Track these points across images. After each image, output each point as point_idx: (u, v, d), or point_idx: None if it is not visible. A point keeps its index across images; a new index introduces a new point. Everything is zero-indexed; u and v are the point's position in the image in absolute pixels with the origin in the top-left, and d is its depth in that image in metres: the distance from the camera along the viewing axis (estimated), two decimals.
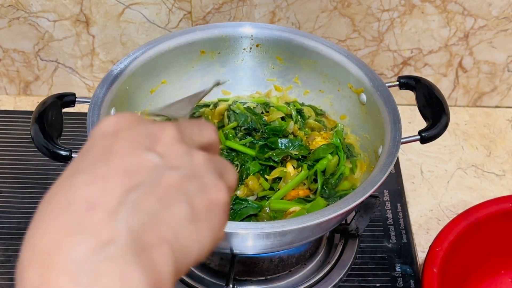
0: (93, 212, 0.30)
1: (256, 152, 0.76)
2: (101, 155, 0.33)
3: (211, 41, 0.82)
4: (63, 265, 0.28)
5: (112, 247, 0.29)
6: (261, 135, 0.79)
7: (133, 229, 0.30)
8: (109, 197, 0.30)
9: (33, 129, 0.66)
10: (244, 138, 0.79)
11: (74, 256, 0.28)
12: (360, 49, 0.98)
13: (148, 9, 0.93)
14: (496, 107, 1.07)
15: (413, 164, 0.96)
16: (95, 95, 0.71)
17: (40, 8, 0.93)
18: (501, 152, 0.99)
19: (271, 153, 0.76)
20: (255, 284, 0.77)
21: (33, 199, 0.86)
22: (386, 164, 0.65)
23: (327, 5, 0.93)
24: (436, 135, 0.71)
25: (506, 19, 0.94)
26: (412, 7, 0.93)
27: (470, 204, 0.81)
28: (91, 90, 1.04)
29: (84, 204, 0.30)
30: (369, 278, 0.80)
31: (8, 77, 1.02)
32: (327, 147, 0.77)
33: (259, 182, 0.74)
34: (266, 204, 0.71)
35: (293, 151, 0.77)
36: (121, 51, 0.98)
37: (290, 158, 0.77)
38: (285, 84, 0.86)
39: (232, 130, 0.80)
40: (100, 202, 0.30)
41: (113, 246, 0.29)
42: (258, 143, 0.78)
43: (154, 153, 0.33)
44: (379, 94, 0.74)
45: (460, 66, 1.01)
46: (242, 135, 0.79)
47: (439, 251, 0.72)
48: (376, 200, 0.74)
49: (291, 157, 0.76)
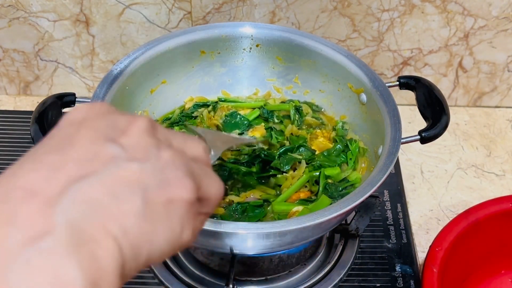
0: (30, 200, 0.28)
1: (256, 169, 0.76)
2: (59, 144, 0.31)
3: (211, 41, 0.82)
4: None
5: (47, 239, 0.27)
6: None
7: (73, 221, 0.28)
8: (51, 186, 0.28)
9: (33, 129, 0.66)
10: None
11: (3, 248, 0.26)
12: (360, 49, 0.98)
13: (148, 9, 0.93)
14: (496, 107, 1.07)
15: (413, 164, 0.96)
16: (95, 95, 0.71)
17: (40, 8, 0.93)
18: (501, 152, 0.99)
19: (278, 162, 0.75)
20: (255, 284, 0.77)
21: None
22: (386, 164, 0.65)
23: (327, 5, 0.93)
24: (436, 135, 0.71)
25: (506, 19, 0.94)
26: (412, 7, 0.93)
27: (470, 204, 0.81)
28: (91, 90, 1.04)
29: (22, 192, 0.28)
30: (369, 278, 0.80)
31: (8, 77, 1.02)
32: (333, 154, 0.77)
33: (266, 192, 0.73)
34: (268, 209, 0.71)
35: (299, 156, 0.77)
36: (121, 51, 0.98)
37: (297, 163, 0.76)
38: (285, 84, 0.86)
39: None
40: (40, 191, 0.28)
41: (48, 239, 0.27)
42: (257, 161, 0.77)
43: (114, 144, 0.31)
44: (379, 94, 0.74)
45: (460, 66, 1.01)
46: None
47: (439, 251, 0.72)
48: (376, 200, 0.74)
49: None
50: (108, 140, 0.31)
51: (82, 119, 0.33)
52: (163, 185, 0.31)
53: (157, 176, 0.31)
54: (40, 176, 0.29)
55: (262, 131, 0.81)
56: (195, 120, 0.81)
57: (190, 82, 0.84)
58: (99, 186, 0.29)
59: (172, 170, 0.32)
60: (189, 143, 0.36)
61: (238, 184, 0.74)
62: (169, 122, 0.81)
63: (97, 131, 0.32)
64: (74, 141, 0.31)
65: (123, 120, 0.33)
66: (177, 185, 0.32)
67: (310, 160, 0.77)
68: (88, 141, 0.31)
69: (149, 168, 0.31)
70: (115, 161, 0.30)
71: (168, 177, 0.32)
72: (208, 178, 0.35)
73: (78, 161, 0.30)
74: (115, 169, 0.30)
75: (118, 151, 0.31)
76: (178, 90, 0.83)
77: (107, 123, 0.32)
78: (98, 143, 0.31)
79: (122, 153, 0.31)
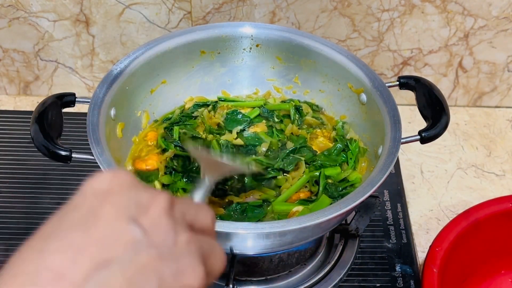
0: (58, 284, 0.30)
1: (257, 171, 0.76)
2: (84, 219, 0.33)
3: (211, 41, 0.82)
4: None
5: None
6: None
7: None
8: (77, 270, 0.30)
9: (33, 129, 0.66)
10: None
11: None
12: (360, 49, 0.98)
13: (148, 9, 0.93)
14: (496, 107, 1.07)
15: (413, 164, 0.96)
16: (95, 95, 0.71)
17: (40, 8, 0.93)
18: (501, 152, 0.99)
19: (282, 163, 0.75)
20: (255, 284, 0.77)
21: (33, 199, 0.86)
22: (386, 164, 0.65)
23: (327, 5, 0.93)
24: (436, 135, 0.71)
25: (506, 19, 0.94)
26: (412, 7, 0.93)
27: (470, 204, 0.81)
28: (91, 90, 1.04)
29: (51, 274, 0.30)
30: (369, 278, 0.80)
31: (8, 77, 1.02)
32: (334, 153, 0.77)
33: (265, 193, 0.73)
34: (269, 209, 0.71)
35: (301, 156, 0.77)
36: (121, 51, 0.98)
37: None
38: (285, 84, 0.86)
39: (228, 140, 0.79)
40: (67, 274, 0.30)
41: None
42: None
43: (137, 227, 0.33)
44: (379, 94, 0.74)
45: (460, 66, 1.01)
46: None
47: (439, 251, 0.72)
48: (376, 200, 0.74)
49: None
50: (131, 220, 0.33)
51: (107, 190, 0.35)
52: (178, 273, 0.34)
53: (173, 264, 0.33)
54: (66, 258, 0.31)
55: (263, 128, 0.81)
56: (195, 120, 0.81)
57: (190, 82, 0.84)
58: (119, 275, 0.31)
59: (187, 257, 0.34)
60: (200, 215, 0.38)
61: (238, 185, 0.74)
62: (169, 122, 0.81)
63: (120, 209, 0.34)
64: (98, 217, 0.33)
65: (145, 197, 0.35)
66: (190, 275, 0.34)
67: (311, 161, 0.77)
68: (112, 219, 0.33)
69: (166, 255, 0.33)
70: (135, 246, 0.33)
71: (183, 265, 0.34)
72: (214, 253, 0.37)
73: (101, 243, 0.32)
74: (134, 256, 0.32)
75: (139, 235, 0.33)
76: (178, 90, 0.83)
77: (130, 199, 0.35)
78: (120, 223, 0.33)
79: (142, 238, 0.33)
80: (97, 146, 0.65)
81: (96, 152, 0.64)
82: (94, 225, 0.32)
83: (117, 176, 0.35)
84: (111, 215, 0.33)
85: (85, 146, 0.65)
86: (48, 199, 0.86)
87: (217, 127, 0.81)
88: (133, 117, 0.78)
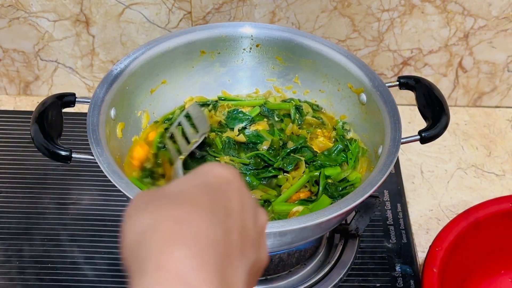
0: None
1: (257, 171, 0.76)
2: (215, 207, 0.35)
3: (211, 41, 0.82)
4: None
5: None
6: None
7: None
8: (199, 276, 0.30)
9: (33, 129, 0.66)
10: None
11: None
12: (360, 49, 0.98)
13: (148, 9, 0.93)
14: (496, 107, 1.07)
15: (413, 164, 0.96)
16: (95, 95, 0.71)
17: (40, 8, 0.93)
18: (501, 152, 0.99)
19: (282, 163, 0.76)
20: None
21: (33, 199, 0.86)
22: (386, 164, 0.65)
23: (327, 5, 0.93)
24: (436, 135, 0.71)
25: (506, 19, 0.94)
26: (412, 7, 0.93)
27: (470, 204, 0.81)
28: (91, 90, 1.04)
29: (177, 283, 0.30)
30: (369, 278, 0.80)
31: (8, 77, 1.02)
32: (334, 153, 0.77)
33: (266, 193, 0.74)
34: (269, 209, 0.71)
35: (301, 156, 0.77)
36: (121, 51, 0.98)
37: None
38: (285, 84, 0.86)
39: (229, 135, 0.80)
40: (191, 283, 0.30)
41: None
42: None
43: (247, 240, 0.36)
44: (379, 94, 0.74)
45: (460, 66, 1.01)
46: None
47: (439, 251, 0.72)
48: (376, 200, 0.74)
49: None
50: (244, 228, 0.36)
51: (230, 180, 0.37)
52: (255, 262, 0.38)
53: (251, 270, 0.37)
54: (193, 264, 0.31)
55: (265, 126, 0.81)
56: None
57: (190, 82, 0.84)
58: (242, 272, 0.35)
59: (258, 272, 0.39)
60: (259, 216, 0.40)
61: None
62: (169, 123, 0.81)
63: (245, 209, 0.37)
64: (229, 211, 0.36)
65: (254, 202, 0.39)
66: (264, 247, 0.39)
67: (311, 161, 0.77)
68: (239, 219, 0.36)
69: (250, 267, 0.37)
70: (241, 258, 0.35)
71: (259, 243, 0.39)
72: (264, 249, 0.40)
73: (229, 244, 0.34)
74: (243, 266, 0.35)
75: (245, 247, 0.36)
76: (178, 90, 0.83)
77: (249, 200, 0.38)
78: (242, 228, 0.36)
79: (248, 256, 0.36)
80: (97, 146, 0.65)
81: (96, 152, 0.64)
82: (226, 221, 0.35)
83: (231, 169, 0.38)
84: (239, 212, 0.36)
85: (85, 146, 0.65)
86: (48, 199, 0.85)
87: (218, 125, 0.81)
88: (133, 117, 0.78)
